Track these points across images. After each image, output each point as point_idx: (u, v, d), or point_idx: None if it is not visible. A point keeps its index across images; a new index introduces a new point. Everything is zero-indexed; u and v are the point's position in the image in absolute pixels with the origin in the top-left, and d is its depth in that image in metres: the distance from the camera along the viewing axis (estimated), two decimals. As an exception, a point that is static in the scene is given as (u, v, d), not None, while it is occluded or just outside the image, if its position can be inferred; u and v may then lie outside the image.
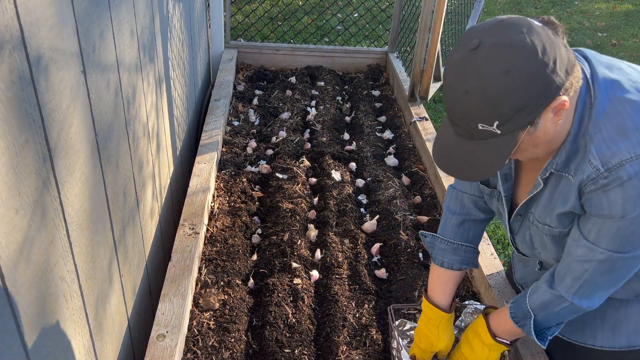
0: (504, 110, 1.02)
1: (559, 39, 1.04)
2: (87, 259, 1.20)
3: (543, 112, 1.04)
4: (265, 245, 2.08)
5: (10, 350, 0.85)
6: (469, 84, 1.02)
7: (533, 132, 1.07)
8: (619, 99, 1.10)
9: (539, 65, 1.00)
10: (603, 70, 1.14)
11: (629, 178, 1.05)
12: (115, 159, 1.41)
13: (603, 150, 1.08)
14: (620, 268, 1.17)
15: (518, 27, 1.02)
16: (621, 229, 1.11)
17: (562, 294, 1.23)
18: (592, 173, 1.09)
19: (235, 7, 4.62)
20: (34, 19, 0.91)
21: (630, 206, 1.07)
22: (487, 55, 1.01)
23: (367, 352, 1.64)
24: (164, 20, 2.05)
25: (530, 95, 1.01)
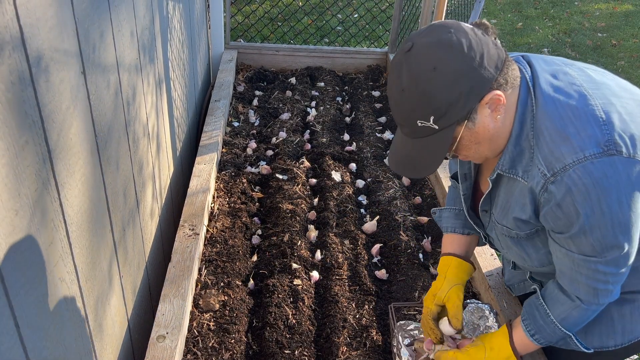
0: (437, 105, 1.08)
1: (489, 38, 1.09)
2: (87, 260, 1.20)
3: (479, 107, 1.10)
4: (265, 246, 2.08)
5: (10, 352, 0.85)
6: (404, 83, 1.09)
7: (472, 127, 1.13)
8: (561, 104, 1.13)
9: (465, 60, 1.05)
10: (546, 76, 1.17)
11: (574, 184, 1.09)
12: (115, 160, 1.41)
13: (547, 155, 1.12)
14: (621, 262, 1.17)
15: (446, 27, 1.08)
16: (589, 235, 1.13)
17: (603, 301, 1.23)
18: (540, 178, 1.13)
19: (235, 7, 4.62)
20: (34, 19, 0.91)
21: (583, 211, 1.10)
22: (417, 55, 1.08)
23: (368, 353, 1.64)
24: (164, 21, 2.05)
25: (460, 90, 1.06)
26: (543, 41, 5.64)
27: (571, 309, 1.26)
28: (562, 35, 5.81)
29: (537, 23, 6.14)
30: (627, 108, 1.15)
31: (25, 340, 0.90)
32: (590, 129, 1.10)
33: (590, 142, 1.08)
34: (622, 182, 1.08)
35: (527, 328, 1.33)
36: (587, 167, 1.08)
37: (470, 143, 1.17)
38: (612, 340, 1.34)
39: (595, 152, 1.08)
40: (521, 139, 1.16)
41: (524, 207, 1.22)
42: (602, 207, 1.09)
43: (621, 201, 1.09)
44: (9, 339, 0.85)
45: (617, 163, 1.08)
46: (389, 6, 4.11)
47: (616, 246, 1.14)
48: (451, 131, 1.11)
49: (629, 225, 1.12)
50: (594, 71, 1.25)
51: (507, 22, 6.16)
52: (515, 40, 5.63)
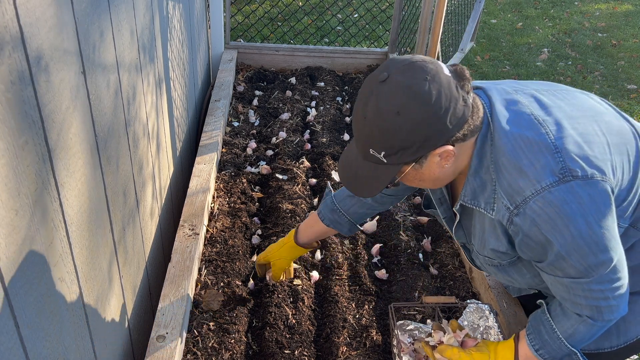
0: (390, 144, 1.10)
1: (462, 92, 1.10)
2: (86, 260, 1.20)
3: (429, 155, 1.13)
4: (265, 246, 2.08)
5: (10, 352, 0.85)
6: (368, 113, 1.10)
7: (418, 168, 1.16)
8: (514, 136, 1.14)
9: (428, 114, 1.06)
10: (500, 108, 1.18)
11: (537, 215, 1.11)
12: (115, 160, 1.41)
13: (507, 189, 1.14)
14: (612, 277, 1.18)
15: (424, 72, 1.08)
16: (569, 259, 1.14)
17: (610, 317, 1.23)
18: (505, 212, 1.16)
19: (235, 7, 4.62)
20: (34, 19, 0.91)
21: (554, 240, 1.12)
22: (388, 91, 1.08)
23: (367, 353, 1.64)
24: (164, 21, 2.05)
25: (415, 139, 1.08)
26: (543, 41, 5.64)
27: (578, 324, 1.24)
28: (562, 35, 5.81)
29: (537, 23, 6.14)
30: (579, 129, 1.16)
31: (25, 340, 0.90)
32: (544, 159, 1.12)
33: (545, 173, 1.11)
34: (585, 204, 1.10)
35: (531, 343, 1.31)
36: (545, 197, 1.10)
37: (413, 179, 1.21)
38: (607, 342, 1.35)
39: (551, 181, 1.10)
40: (481, 171, 1.18)
41: (499, 239, 1.24)
42: (572, 232, 1.11)
43: (589, 222, 1.11)
44: (9, 339, 0.85)
45: (576, 188, 1.10)
46: (389, 6, 4.11)
47: (600, 264, 1.15)
48: (397, 168, 1.14)
49: (604, 242, 1.13)
50: (545, 93, 1.25)
51: (507, 22, 6.16)
52: (515, 41, 5.63)
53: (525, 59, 5.18)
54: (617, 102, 4.42)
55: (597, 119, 1.21)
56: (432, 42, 2.81)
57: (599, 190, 1.11)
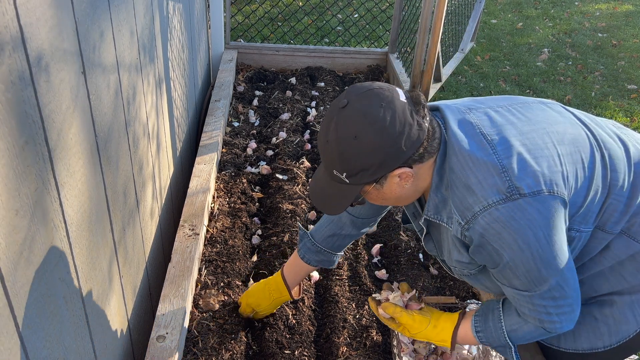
0: (350, 167, 1.17)
1: (417, 117, 1.16)
2: (86, 260, 1.20)
3: (389, 176, 1.18)
4: (265, 246, 2.08)
5: (10, 352, 0.85)
6: (330, 137, 1.17)
7: (380, 188, 1.21)
8: (464, 155, 1.19)
9: (383, 138, 1.13)
10: (455, 129, 1.23)
11: (485, 230, 1.16)
12: (115, 160, 1.41)
13: (458, 205, 1.19)
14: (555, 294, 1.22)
15: (379, 99, 1.15)
16: (515, 271, 1.19)
17: (551, 330, 1.27)
18: (457, 226, 1.21)
19: (235, 7, 4.62)
20: (34, 19, 0.91)
21: (502, 251, 1.16)
22: (347, 117, 1.15)
23: (368, 354, 1.64)
24: (164, 21, 2.05)
25: (373, 162, 1.15)
26: (543, 41, 5.64)
27: (524, 323, 1.30)
28: (562, 36, 5.81)
29: (538, 23, 6.14)
30: (527, 145, 1.20)
31: (25, 340, 0.90)
32: (491, 178, 1.16)
33: (492, 191, 1.15)
34: (533, 220, 1.14)
35: (475, 324, 1.38)
36: (492, 214, 1.14)
37: (377, 198, 1.26)
38: (600, 341, 1.36)
39: (498, 199, 1.14)
40: (442, 188, 1.23)
41: (460, 252, 1.29)
42: (519, 245, 1.14)
43: (538, 237, 1.14)
44: (9, 339, 0.85)
45: (524, 204, 1.14)
46: (389, 6, 4.11)
47: (542, 280, 1.19)
48: (359, 188, 1.21)
49: (550, 259, 1.16)
50: (500, 110, 1.29)
51: (508, 22, 6.16)
52: (515, 41, 5.63)
53: (526, 59, 5.18)
54: (618, 102, 4.42)
55: (549, 130, 1.25)
56: (432, 42, 2.81)
57: (547, 205, 1.15)
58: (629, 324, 1.33)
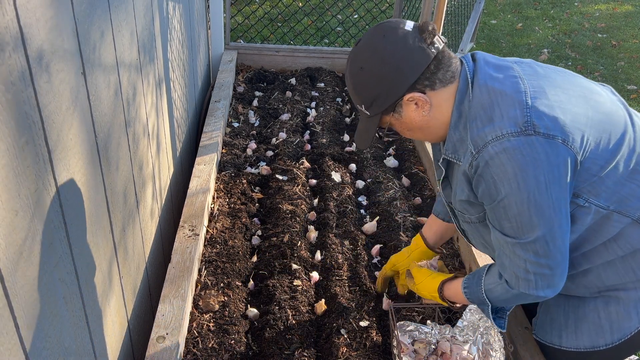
0: (363, 98, 1.30)
1: (421, 44, 1.22)
2: (86, 261, 1.20)
3: (403, 103, 1.27)
4: (265, 246, 2.08)
5: (9, 352, 0.85)
6: (346, 74, 1.33)
7: (399, 117, 1.31)
8: (494, 91, 1.23)
9: (383, 65, 1.23)
10: (486, 69, 1.27)
11: (491, 158, 1.18)
12: (115, 160, 1.41)
13: (474, 136, 1.22)
14: (538, 248, 1.21)
15: (382, 31, 1.25)
16: (507, 211, 1.20)
17: (524, 291, 1.28)
18: (469, 157, 1.24)
19: (235, 8, 4.62)
20: (34, 20, 0.91)
21: (500, 185, 1.18)
22: (355, 53, 1.29)
23: (367, 354, 1.64)
24: (164, 22, 2.05)
25: (380, 89, 1.26)
26: (543, 42, 5.64)
27: (497, 285, 1.34)
28: (562, 36, 5.81)
29: (537, 24, 6.14)
30: (560, 96, 1.22)
31: (25, 341, 0.90)
32: (513, 111, 1.18)
33: (509, 123, 1.17)
34: (540, 161, 1.15)
35: (465, 281, 1.46)
36: (503, 144, 1.16)
37: (402, 129, 1.36)
38: (602, 339, 1.36)
39: (512, 131, 1.16)
40: (460, 126, 1.27)
41: (463, 189, 1.31)
42: (519, 183, 1.16)
43: (538, 179, 1.15)
44: (9, 340, 0.85)
45: (535, 142, 1.15)
46: (389, 7, 4.12)
47: (531, 227, 1.19)
48: (379, 118, 1.31)
49: (544, 207, 1.17)
50: (546, 68, 1.32)
51: (507, 22, 6.16)
52: (515, 41, 5.63)
53: (525, 60, 5.18)
54: (617, 102, 4.42)
55: (588, 96, 1.26)
56: (432, 42, 2.81)
57: (557, 152, 1.15)
58: (631, 321, 1.33)
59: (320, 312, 1.81)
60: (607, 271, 1.32)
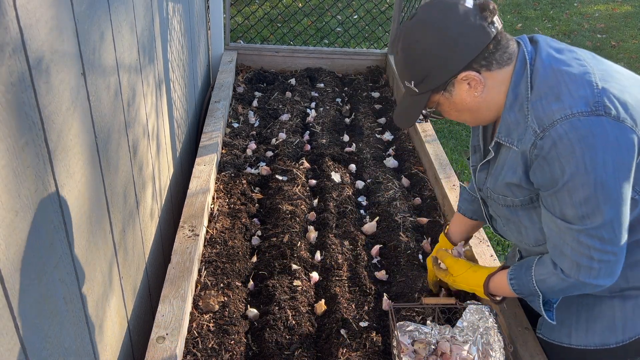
0: (414, 73, 1.24)
1: (481, 22, 1.18)
2: (86, 261, 1.20)
3: (456, 82, 1.23)
4: (265, 247, 2.08)
5: (10, 353, 0.85)
6: (398, 48, 1.27)
7: (449, 97, 1.26)
8: (560, 71, 1.19)
9: (439, 40, 1.19)
10: (549, 51, 1.24)
11: (560, 138, 1.13)
12: (115, 161, 1.41)
13: (539, 114, 1.17)
14: (604, 235, 1.17)
15: (443, 6, 1.21)
16: (572, 195, 1.15)
17: (584, 280, 1.23)
18: (532, 136, 1.19)
19: (235, 9, 4.62)
20: (34, 21, 0.91)
21: (567, 165, 1.13)
22: (411, 26, 1.24)
23: (367, 354, 1.64)
24: (164, 22, 2.05)
25: (433, 64, 1.21)
26: (542, 42, 5.65)
27: (550, 275, 1.29)
28: (561, 37, 5.82)
29: (537, 24, 6.15)
30: (625, 84, 1.19)
31: (25, 341, 0.90)
32: (583, 90, 1.15)
33: (580, 101, 1.13)
34: (609, 143, 1.11)
35: (510, 272, 1.41)
36: (573, 123, 1.12)
37: (450, 109, 1.31)
38: (613, 337, 1.34)
39: (583, 110, 1.12)
40: (515, 108, 1.23)
41: (515, 170, 1.27)
42: (587, 164, 1.11)
43: (606, 162, 1.11)
44: (9, 340, 0.85)
45: (605, 123, 1.11)
46: (389, 7, 4.12)
47: (598, 212, 1.14)
48: (427, 96, 1.26)
49: (612, 190, 1.13)
50: (602, 59, 1.28)
51: (507, 23, 6.16)
52: (514, 41, 5.63)
53: (525, 60, 5.18)
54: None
55: None
56: (432, 43, 2.81)
57: (626, 136, 1.12)
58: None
59: (320, 312, 1.81)
60: (635, 270, 1.29)
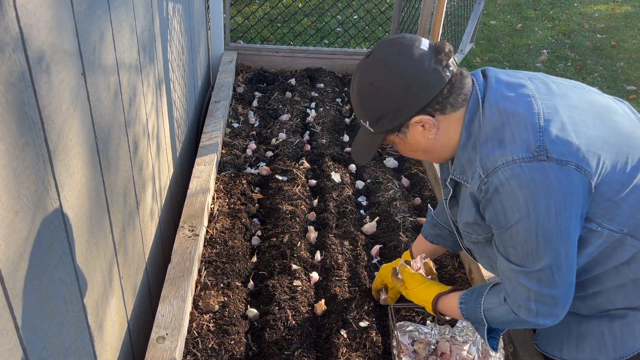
0: (369, 114, 1.24)
1: (436, 65, 1.17)
2: (86, 261, 1.20)
3: (410, 124, 1.22)
4: (265, 247, 2.08)
5: (10, 353, 0.85)
6: (354, 86, 1.25)
7: (404, 138, 1.26)
8: (505, 111, 1.18)
9: (397, 83, 1.17)
10: (499, 88, 1.23)
11: (502, 184, 1.14)
12: (115, 161, 1.41)
13: (483, 158, 1.18)
14: (542, 277, 1.18)
15: (399, 47, 1.19)
16: (514, 238, 1.17)
17: (525, 318, 1.25)
18: (477, 180, 1.20)
19: (235, 9, 4.62)
20: (34, 20, 0.91)
21: (510, 212, 1.14)
22: (367, 65, 1.22)
23: (367, 354, 1.64)
24: (164, 22, 2.05)
25: (388, 108, 1.20)
26: (542, 42, 5.65)
27: (499, 305, 1.31)
28: (561, 37, 5.82)
29: (537, 24, 6.15)
30: (575, 118, 1.17)
31: (25, 341, 0.90)
32: (526, 134, 1.14)
33: (521, 147, 1.13)
34: (552, 188, 1.11)
35: (462, 296, 1.42)
36: (514, 170, 1.12)
37: (404, 149, 1.31)
38: (603, 355, 1.33)
39: (524, 156, 1.12)
40: (468, 146, 1.23)
41: (470, 209, 1.28)
42: (529, 210, 1.12)
43: (549, 207, 1.11)
44: (9, 340, 0.85)
45: (547, 169, 1.11)
46: (389, 7, 4.12)
47: (537, 257, 1.16)
48: (382, 137, 1.26)
49: (553, 236, 1.13)
50: (560, 85, 1.27)
51: (507, 23, 6.16)
52: (514, 42, 5.63)
53: (525, 60, 5.18)
54: (617, 103, 4.43)
55: (604, 116, 1.21)
56: (432, 43, 2.81)
57: (570, 179, 1.11)
58: (635, 340, 1.29)
59: (320, 312, 1.81)
60: (618, 294, 1.29)
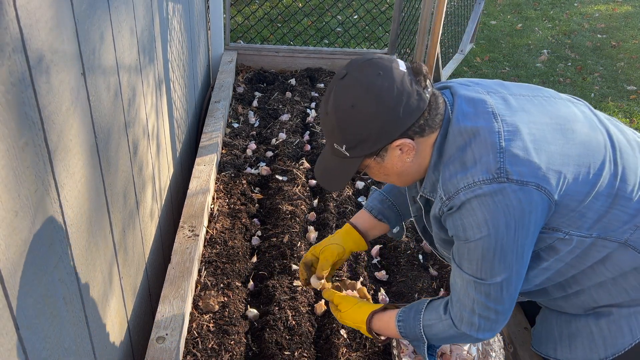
0: (348, 138, 1.17)
1: (416, 87, 1.15)
2: (86, 261, 1.20)
3: (389, 148, 1.18)
4: (265, 247, 2.08)
5: (9, 353, 0.85)
6: (329, 108, 1.18)
7: (380, 162, 1.22)
8: (467, 131, 1.18)
9: (379, 106, 1.12)
10: (463, 106, 1.22)
11: (462, 204, 1.15)
12: (115, 161, 1.41)
13: (446, 181, 1.18)
14: (491, 292, 1.20)
15: (377, 68, 1.14)
16: (471, 253, 1.18)
17: (466, 332, 1.26)
18: (439, 202, 1.21)
19: (235, 9, 4.62)
20: (34, 21, 0.91)
21: (470, 229, 1.15)
22: (345, 87, 1.15)
23: (367, 354, 1.64)
24: (164, 22, 2.05)
25: (370, 131, 1.14)
26: (543, 42, 5.65)
27: (438, 321, 1.31)
28: (561, 37, 5.82)
29: (537, 24, 6.15)
30: (535, 135, 1.18)
31: (25, 341, 0.90)
32: (486, 156, 1.15)
33: (481, 169, 1.14)
34: (512, 207, 1.12)
35: (399, 314, 1.39)
36: (475, 191, 1.13)
37: (378, 173, 1.27)
38: (595, 353, 1.35)
39: (485, 178, 1.13)
40: (440, 165, 1.22)
41: (438, 228, 1.29)
42: (489, 229, 1.14)
43: (509, 226, 1.13)
44: (9, 340, 0.85)
45: (507, 190, 1.12)
46: (389, 7, 4.12)
47: (490, 272, 1.18)
48: (359, 161, 1.21)
49: (508, 254, 1.15)
50: (519, 97, 1.27)
51: (507, 23, 6.16)
52: (514, 42, 5.63)
53: (525, 60, 5.18)
54: (617, 103, 4.42)
55: (564, 127, 1.22)
56: (432, 43, 2.81)
57: (530, 199, 1.13)
58: (624, 337, 1.31)
59: (320, 312, 1.81)
60: (599, 292, 1.30)
